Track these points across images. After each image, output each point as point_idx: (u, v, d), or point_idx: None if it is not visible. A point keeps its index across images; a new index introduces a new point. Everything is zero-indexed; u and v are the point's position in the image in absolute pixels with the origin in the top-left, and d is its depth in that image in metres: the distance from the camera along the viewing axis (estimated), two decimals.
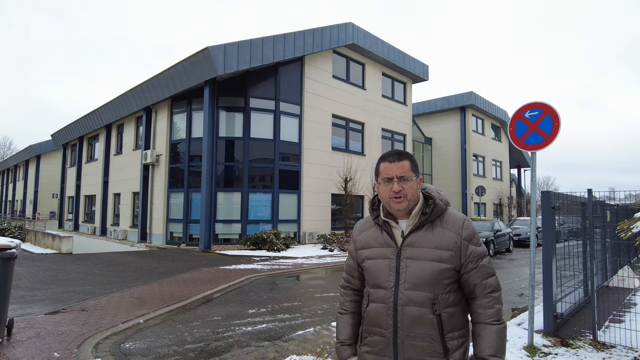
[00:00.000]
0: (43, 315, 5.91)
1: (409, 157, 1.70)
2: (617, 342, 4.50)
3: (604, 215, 7.15)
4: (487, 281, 1.63)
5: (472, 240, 1.64)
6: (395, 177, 1.64)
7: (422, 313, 1.57)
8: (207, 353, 4.42)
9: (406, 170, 1.65)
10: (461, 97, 28.75)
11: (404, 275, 1.61)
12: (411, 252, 1.63)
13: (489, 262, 1.66)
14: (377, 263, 1.68)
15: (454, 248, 1.61)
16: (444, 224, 1.65)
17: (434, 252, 1.60)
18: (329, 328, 5.33)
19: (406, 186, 1.63)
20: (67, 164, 29.25)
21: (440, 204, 1.68)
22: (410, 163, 1.68)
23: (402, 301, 1.60)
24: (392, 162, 1.67)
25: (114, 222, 21.51)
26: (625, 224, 3.33)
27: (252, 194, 15.76)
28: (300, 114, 16.97)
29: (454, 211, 1.73)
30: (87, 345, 4.60)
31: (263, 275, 9.61)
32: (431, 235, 1.63)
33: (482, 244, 1.68)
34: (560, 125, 4.26)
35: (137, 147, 19.53)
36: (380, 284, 1.66)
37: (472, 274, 1.63)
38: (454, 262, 1.61)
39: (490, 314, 1.61)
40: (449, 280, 1.60)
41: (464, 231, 1.64)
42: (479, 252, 1.64)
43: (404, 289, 1.60)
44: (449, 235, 1.62)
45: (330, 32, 17.37)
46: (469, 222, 1.68)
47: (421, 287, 1.58)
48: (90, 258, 13.42)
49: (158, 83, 16.79)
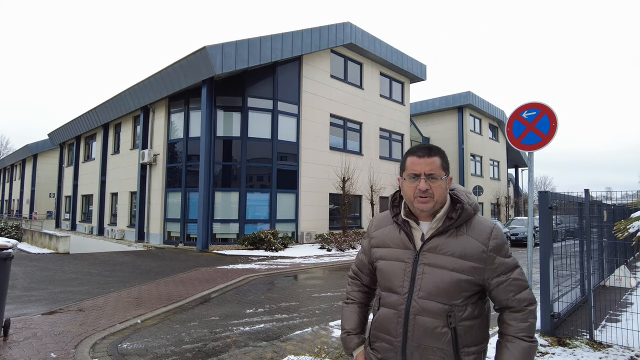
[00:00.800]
0: (40, 315, 5.88)
1: (440, 154, 1.54)
2: (614, 342, 4.52)
3: (601, 215, 7.18)
4: (520, 295, 1.48)
5: (500, 251, 1.48)
6: (422, 174, 1.49)
7: (436, 325, 1.46)
8: (204, 353, 4.42)
9: (436, 167, 1.50)
10: (459, 96, 28.81)
11: (420, 283, 1.49)
12: (430, 259, 1.49)
13: (522, 273, 1.50)
14: (392, 265, 1.56)
15: (478, 259, 1.46)
16: (469, 231, 1.50)
17: (455, 261, 1.46)
18: (327, 328, 5.34)
19: (434, 185, 1.49)
20: (64, 164, 29.15)
21: (468, 209, 1.52)
22: (441, 160, 1.53)
23: (414, 310, 1.48)
24: (421, 157, 1.51)
25: (112, 221, 21.46)
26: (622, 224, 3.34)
27: (250, 194, 15.75)
28: (298, 113, 16.95)
29: (482, 218, 1.57)
30: (84, 346, 4.58)
31: (261, 275, 9.61)
32: (455, 242, 1.49)
33: (512, 255, 1.51)
34: (557, 126, 4.27)
35: (134, 147, 19.48)
36: (392, 289, 1.55)
37: (502, 288, 1.48)
38: (477, 275, 1.46)
39: (522, 327, 1.47)
40: (469, 292, 1.47)
41: (491, 241, 1.48)
42: (508, 264, 1.48)
43: (417, 297, 1.48)
44: (474, 245, 1.48)
45: (328, 32, 17.37)
46: (498, 231, 1.51)
47: (437, 297, 1.46)
48: (88, 258, 13.38)
49: (155, 82, 16.75)
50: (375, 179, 19.26)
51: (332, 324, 5.51)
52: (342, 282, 8.99)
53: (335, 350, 4.35)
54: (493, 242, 1.48)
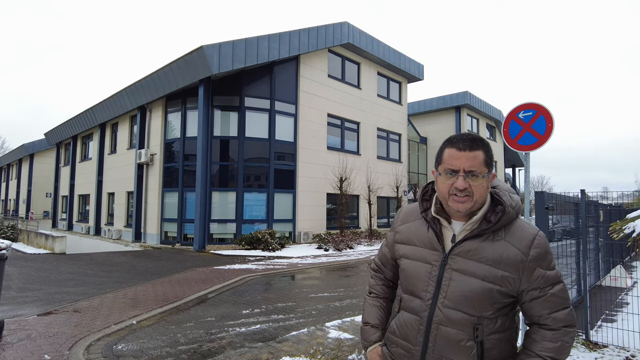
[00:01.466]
0: (35, 316, 5.85)
1: (484, 147, 1.34)
2: (610, 342, 4.53)
3: (597, 214, 7.20)
4: (557, 314, 1.29)
5: (542, 262, 1.31)
6: (462, 170, 1.30)
7: (461, 338, 1.31)
8: (200, 354, 4.40)
9: (478, 163, 1.31)
10: (456, 96, 28.84)
11: (446, 289, 1.33)
12: (460, 264, 1.33)
13: (564, 290, 1.32)
14: (416, 266, 1.42)
15: (514, 269, 1.29)
16: (508, 236, 1.32)
17: (488, 269, 1.30)
18: (323, 329, 5.32)
19: (474, 184, 1.30)
20: (60, 163, 29.03)
21: (510, 212, 1.34)
22: (485, 155, 1.33)
23: (438, 319, 1.34)
24: (462, 151, 1.32)
25: (108, 221, 21.38)
26: (618, 225, 3.34)
27: (247, 194, 15.72)
28: (296, 113, 16.93)
29: (525, 222, 1.37)
30: (78, 347, 4.55)
31: (257, 275, 9.59)
32: (490, 248, 1.32)
33: (555, 267, 1.33)
34: (553, 126, 4.26)
35: (131, 146, 19.41)
36: (415, 292, 1.40)
37: (536, 303, 1.31)
38: (511, 286, 1.30)
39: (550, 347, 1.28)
40: (500, 304, 1.31)
41: (532, 250, 1.30)
42: (549, 277, 1.30)
43: (442, 305, 1.34)
44: (512, 252, 1.30)
45: (325, 32, 17.35)
46: (542, 239, 1.33)
47: (464, 307, 1.31)
48: (84, 258, 13.33)
49: (152, 82, 16.70)
50: (372, 179, 19.26)
51: (329, 324, 5.49)
52: (338, 283, 8.98)
53: (331, 352, 4.34)
54: (535, 251, 1.30)
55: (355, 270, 11.00)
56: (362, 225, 19.32)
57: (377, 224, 20.03)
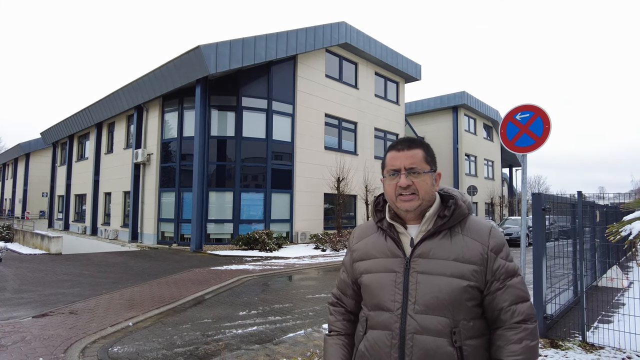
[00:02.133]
0: (30, 318, 5.81)
1: (422, 146, 1.38)
2: (606, 343, 4.53)
3: (594, 215, 7.21)
4: (516, 307, 1.27)
5: (500, 252, 1.31)
6: (403, 168, 1.33)
7: (439, 345, 1.22)
8: (196, 357, 4.37)
9: (417, 160, 1.33)
10: (453, 96, 28.89)
11: (414, 294, 1.27)
12: (424, 265, 1.29)
13: (522, 283, 1.31)
14: (379, 278, 1.34)
15: (478, 261, 1.27)
16: (465, 230, 1.32)
17: (453, 265, 1.27)
18: (320, 330, 5.31)
19: (417, 180, 1.32)
20: (57, 163, 28.89)
21: (462, 206, 1.34)
22: (425, 153, 1.36)
23: (411, 328, 1.25)
24: (400, 151, 1.35)
25: (105, 221, 21.30)
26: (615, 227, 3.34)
27: (245, 194, 15.68)
28: (293, 113, 16.90)
29: (478, 218, 1.42)
30: (73, 350, 4.52)
31: (255, 276, 9.56)
32: (450, 244, 1.30)
33: (512, 259, 1.33)
34: (550, 128, 4.27)
35: (128, 146, 19.34)
36: (382, 305, 1.31)
37: (497, 295, 1.28)
38: (479, 280, 1.27)
39: (515, 350, 1.23)
40: (473, 302, 1.27)
41: (491, 240, 1.30)
42: (509, 268, 1.30)
43: (414, 312, 1.26)
44: (473, 245, 1.29)
45: (323, 31, 17.32)
46: (497, 231, 1.35)
47: (437, 310, 1.24)
48: (80, 258, 13.26)
49: (149, 81, 16.63)
50: (370, 179, 19.25)
51: (326, 326, 5.48)
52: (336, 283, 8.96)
53: None
54: (493, 241, 1.31)
55: None
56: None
57: None
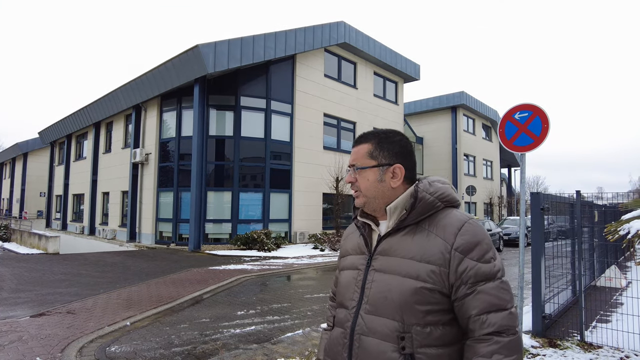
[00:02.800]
0: (27, 318, 5.78)
1: (373, 139, 1.29)
2: (604, 343, 4.53)
3: (592, 215, 7.21)
4: (487, 317, 1.09)
5: (469, 251, 1.13)
6: (349, 164, 1.32)
7: (382, 349, 1.13)
8: (194, 356, 4.36)
9: (360, 156, 1.28)
10: (452, 96, 28.90)
11: (368, 293, 1.20)
12: (381, 263, 1.21)
13: (500, 289, 1.13)
14: (346, 275, 1.31)
15: (438, 261, 1.14)
16: (432, 226, 1.19)
17: (409, 264, 1.16)
18: (318, 330, 5.30)
19: (359, 177, 1.28)
20: (55, 162, 28.81)
21: (428, 198, 1.21)
22: (372, 146, 1.28)
23: (359, 328, 1.19)
24: (353, 147, 1.34)
25: (103, 221, 21.25)
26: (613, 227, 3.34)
27: (243, 193, 15.66)
28: (292, 112, 16.89)
29: (456, 212, 1.23)
30: (71, 349, 4.50)
31: (253, 276, 9.55)
32: (411, 242, 1.19)
33: (491, 260, 1.15)
34: (549, 127, 4.26)
35: (126, 146, 19.29)
36: (343, 302, 1.28)
37: (465, 301, 1.12)
38: (438, 282, 1.13)
39: None
40: (430, 307, 1.13)
41: (458, 238, 1.14)
42: (478, 271, 1.12)
43: (364, 311, 1.19)
44: (435, 242, 1.16)
45: (322, 31, 17.31)
46: (472, 226, 1.17)
47: (385, 312, 1.15)
48: (78, 258, 13.22)
49: (147, 81, 16.59)
50: None
51: (324, 325, 5.46)
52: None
53: None
54: (461, 239, 1.14)
55: None
56: None
57: None
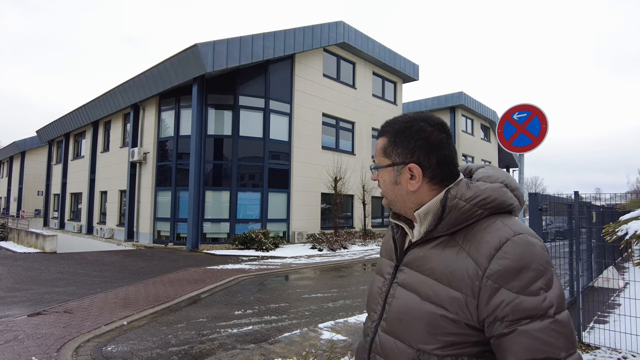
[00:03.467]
0: (23, 317, 5.75)
1: (390, 131, 1.05)
2: (602, 344, 4.53)
3: (590, 216, 7.22)
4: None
5: (508, 280, 0.84)
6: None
7: None
8: (191, 356, 4.34)
9: (377, 153, 1.08)
10: (451, 97, 28.93)
11: (388, 309, 1.03)
12: (405, 277, 1.02)
13: (548, 330, 0.81)
14: (375, 281, 1.15)
15: (466, 288, 0.88)
16: (466, 242, 0.93)
17: (431, 285, 0.94)
18: (316, 330, 5.29)
19: (379, 176, 1.08)
20: (52, 161, 28.73)
21: (462, 206, 0.94)
22: (388, 141, 1.04)
23: (375, 347, 1.04)
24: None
25: (101, 220, 21.19)
26: (611, 227, 3.34)
27: (241, 193, 15.63)
28: (290, 112, 16.87)
29: (500, 223, 0.93)
30: (67, 349, 4.48)
31: (251, 276, 9.53)
32: (439, 257, 0.95)
33: (539, 292, 0.83)
34: (548, 128, 4.26)
35: (124, 145, 19.25)
36: (369, 312, 1.14)
37: (502, 343, 0.85)
38: (464, 313, 0.88)
39: None
40: (453, 338, 0.89)
41: (494, 262, 0.86)
42: (518, 306, 0.83)
43: (381, 329, 1.03)
44: (465, 264, 0.90)
45: (321, 31, 17.30)
46: (518, 246, 0.87)
47: (401, 335, 0.97)
48: (75, 257, 13.18)
49: (146, 80, 16.55)
50: (367, 179, 19.23)
51: (321, 325, 5.46)
52: (332, 283, 8.95)
53: (324, 353, 4.30)
54: (498, 263, 0.86)
55: (350, 270, 10.98)
56: (357, 225, 19.31)
57: (371, 224, 20.02)
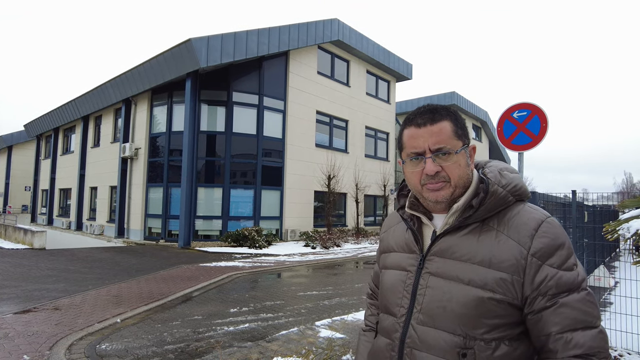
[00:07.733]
0: (12, 314, 5.63)
1: (449, 116, 1.05)
2: None
3: (582, 215, 7.30)
4: (572, 335, 0.91)
5: (549, 257, 0.95)
6: (428, 150, 1.03)
7: None
8: (187, 354, 4.28)
9: (446, 137, 1.02)
10: (443, 96, 29.11)
11: (421, 300, 1.03)
12: (439, 265, 1.03)
13: (586, 301, 0.94)
14: (392, 276, 1.13)
15: (510, 268, 0.95)
16: (502, 225, 1.00)
17: (474, 269, 0.97)
18: (313, 327, 5.25)
19: (447, 164, 1.02)
20: (41, 156, 28.24)
21: (499, 192, 1.01)
22: (453, 124, 1.04)
23: (410, 341, 1.02)
24: (422, 127, 1.04)
25: (90, 216, 20.89)
26: (611, 226, 3.35)
27: (234, 190, 15.52)
28: (284, 109, 16.78)
29: (529, 207, 1.03)
30: (59, 347, 4.38)
31: (244, 273, 9.46)
32: (476, 243, 1.00)
33: (574, 268, 0.96)
34: (548, 126, 4.27)
35: (115, 140, 18.98)
36: (389, 308, 1.11)
37: (543, 316, 0.93)
38: (509, 293, 0.95)
39: None
40: (497, 320, 0.95)
41: (536, 241, 0.95)
42: (562, 280, 0.93)
43: (416, 321, 1.02)
44: (507, 245, 0.97)
45: (315, 28, 17.22)
46: (553, 226, 0.98)
47: (443, 324, 0.98)
48: (65, 254, 12.96)
49: (138, 74, 16.32)
50: (360, 177, 19.25)
51: (319, 323, 5.43)
52: (327, 281, 8.93)
53: (324, 352, 4.27)
54: (540, 242, 0.95)
55: (343, 268, 10.97)
56: (350, 224, 19.32)
57: (364, 222, 20.06)
